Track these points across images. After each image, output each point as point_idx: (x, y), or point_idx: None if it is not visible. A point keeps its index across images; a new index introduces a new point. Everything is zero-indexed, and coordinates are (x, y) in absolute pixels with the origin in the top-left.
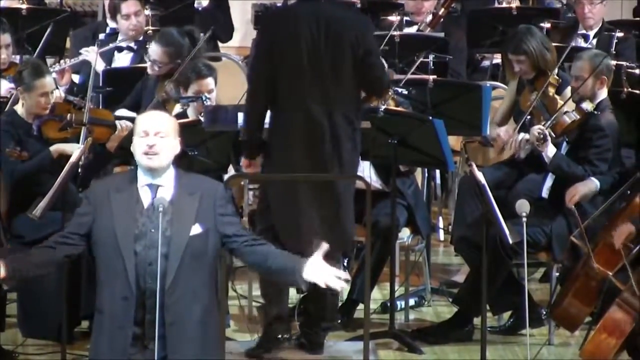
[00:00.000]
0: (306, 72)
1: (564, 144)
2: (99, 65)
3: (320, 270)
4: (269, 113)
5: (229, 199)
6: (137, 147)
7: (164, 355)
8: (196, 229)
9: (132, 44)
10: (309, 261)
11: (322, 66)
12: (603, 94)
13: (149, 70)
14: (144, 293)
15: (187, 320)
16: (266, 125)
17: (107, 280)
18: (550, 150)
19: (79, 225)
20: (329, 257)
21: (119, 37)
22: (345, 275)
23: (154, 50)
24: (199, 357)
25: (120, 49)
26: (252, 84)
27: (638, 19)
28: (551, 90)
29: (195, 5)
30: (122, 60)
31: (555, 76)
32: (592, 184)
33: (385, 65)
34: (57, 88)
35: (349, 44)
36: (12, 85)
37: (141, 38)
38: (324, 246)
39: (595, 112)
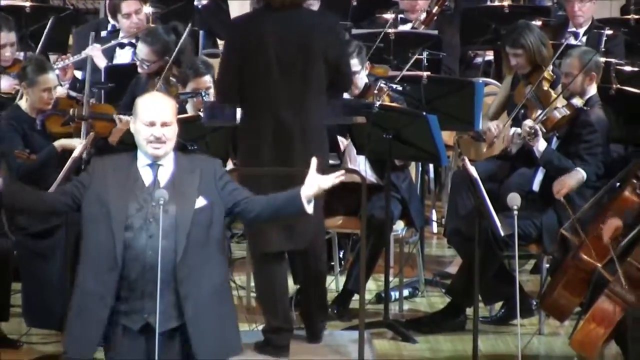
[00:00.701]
0: (276, 78)
1: (554, 139)
2: (101, 62)
3: (317, 181)
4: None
5: (225, 171)
6: (142, 135)
7: (179, 324)
8: (200, 202)
9: (133, 41)
10: (305, 182)
11: (293, 72)
12: (592, 90)
13: (139, 70)
14: (145, 266)
15: (201, 292)
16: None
17: (93, 253)
18: (541, 145)
19: (73, 187)
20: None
21: (120, 35)
22: (341, 171)
23: (141, 49)
24: (216, 327)
25: (121, 46)
26: (220, 93)
27: (626, 17)
28: (545, 85)
29: (195, 3)
30: (124, 56)
31: (550, 72)
32: (579, 174)
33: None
34: (60, 84)
35: (320, 49)
36: (16, 82)
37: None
38: (314, 161)
39: (585, 108)
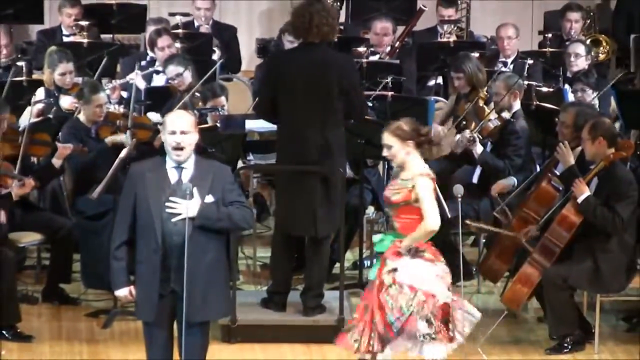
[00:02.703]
0: (300, 102)
1: (489, 143)
2: (141, 84)
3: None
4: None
5: (233, 178)
6: (167, 142)
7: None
8: (209, 199)
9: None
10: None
11: (315, 97)
12: (517, 105)
13: (179, 88)
14: (171, 246)
15: (200, 265)
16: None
17: (142, 238)
18: (478, 148)
19: (130, 209)
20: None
21: (156, 64)
22: None
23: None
24: (205, 292)
25: (157, 72)
26: (258, 111)
27: (543, 50)
28: (481, 102)
29: (212, 57)
30: (158, 80)
31: (485, 92)
32: (511, 181)
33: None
34: (110, 102)
35: (336, 81)
36: (75, 100)
37: None
38: None
39: (512, 120)
